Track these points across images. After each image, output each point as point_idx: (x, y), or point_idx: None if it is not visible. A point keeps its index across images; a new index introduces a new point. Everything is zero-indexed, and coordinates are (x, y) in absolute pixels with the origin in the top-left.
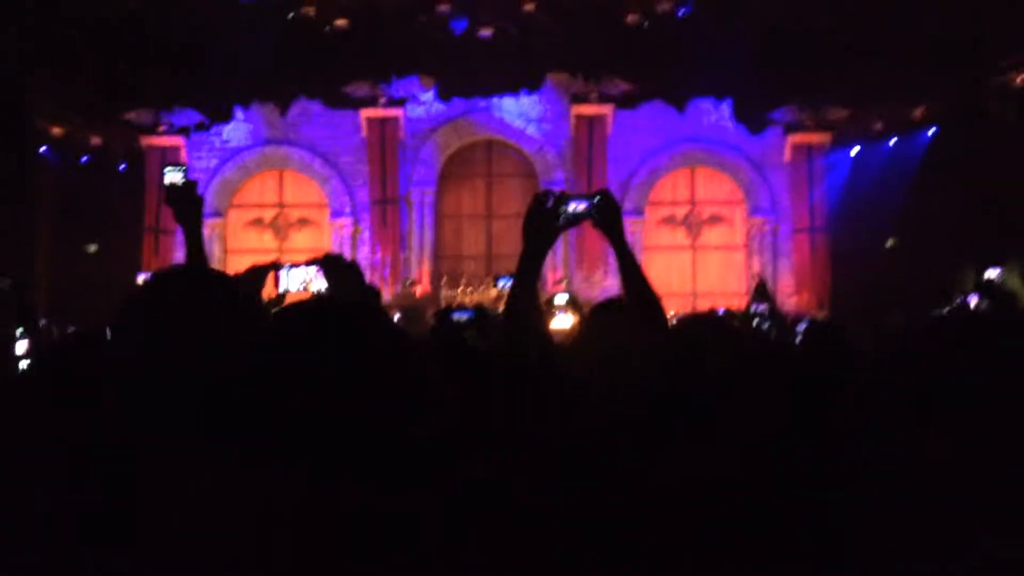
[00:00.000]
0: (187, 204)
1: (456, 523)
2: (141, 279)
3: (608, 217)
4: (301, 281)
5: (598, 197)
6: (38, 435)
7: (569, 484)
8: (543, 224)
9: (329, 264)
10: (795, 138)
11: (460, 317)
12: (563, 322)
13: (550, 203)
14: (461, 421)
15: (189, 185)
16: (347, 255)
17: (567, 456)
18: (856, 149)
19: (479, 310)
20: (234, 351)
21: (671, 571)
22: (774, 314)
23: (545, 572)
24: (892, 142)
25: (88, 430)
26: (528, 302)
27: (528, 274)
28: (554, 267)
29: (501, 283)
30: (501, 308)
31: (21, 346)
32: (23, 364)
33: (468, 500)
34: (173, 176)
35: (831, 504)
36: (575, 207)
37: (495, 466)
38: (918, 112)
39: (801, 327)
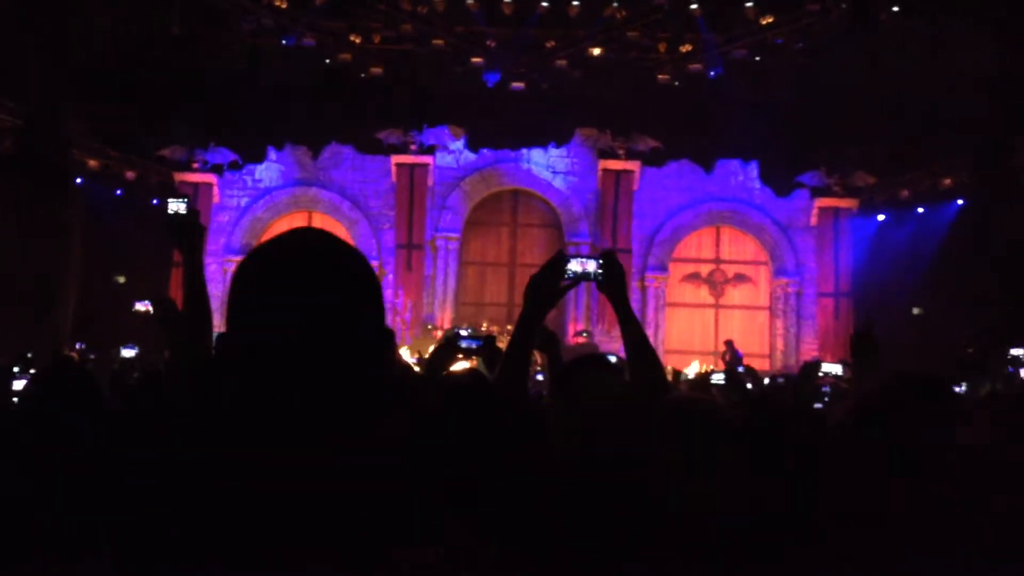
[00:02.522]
0: (188, 232)
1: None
2: (140, 306)
3: (611, 280)
4: None
5: (601, 260)
6: None
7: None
8: (548, 285)
9: None
10: (822, 202)
11: (469, 345)
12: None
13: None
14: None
15: (192, 214)
16: None
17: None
18: (882, 216)
19: (488, 339)
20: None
21: None
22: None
23: None
24: (919, 211)
25: None
26: (524, 362)
27: (528, 334)
28: (575, 319)
29: None
30: None
31: (19, 384)
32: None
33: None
34: (176, 206)
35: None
36: (578, 268)
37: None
38: (946, 182)
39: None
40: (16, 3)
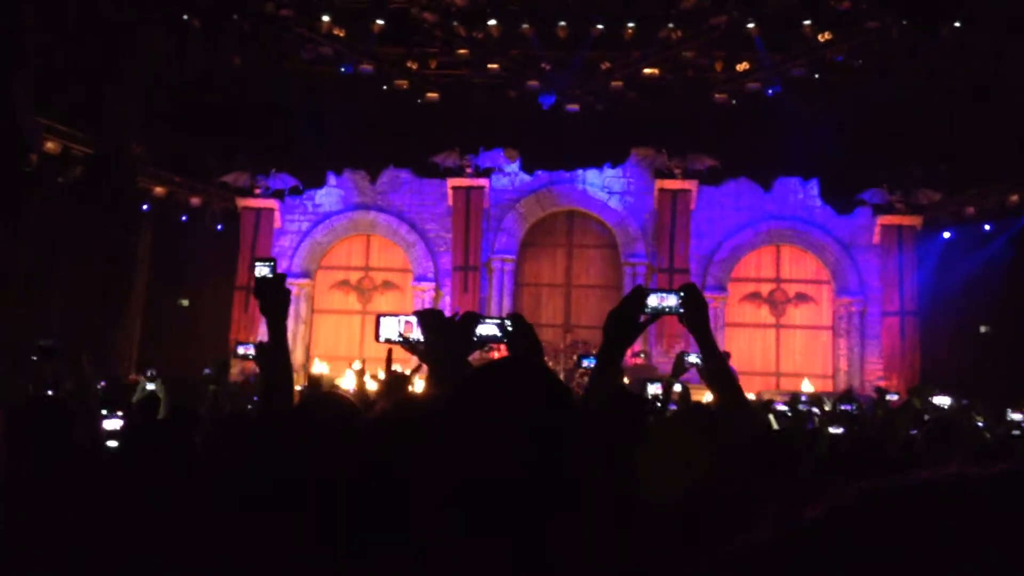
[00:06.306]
0: (275, 297)
1: None
2: (242, 351)
3: (693, 313)
4: (397, 331)
5: (683, 293)
6: None
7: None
8: (628, 321)
9: (424, 318)
10: (885, 220)
11: None
12: None
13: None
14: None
15: (279, 278)
16: None
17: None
18: (947, 234)
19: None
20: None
21: None
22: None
23: None
24: (985, 228)
25: None
26: (606, 395)
27: (610, 366)
28: None
29: (585, 363)
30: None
31: (112, 423)
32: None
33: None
34: (262, 269)
35: None
36: (660, 302)
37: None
38: (1012, 198)
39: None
40: (82, 35)
